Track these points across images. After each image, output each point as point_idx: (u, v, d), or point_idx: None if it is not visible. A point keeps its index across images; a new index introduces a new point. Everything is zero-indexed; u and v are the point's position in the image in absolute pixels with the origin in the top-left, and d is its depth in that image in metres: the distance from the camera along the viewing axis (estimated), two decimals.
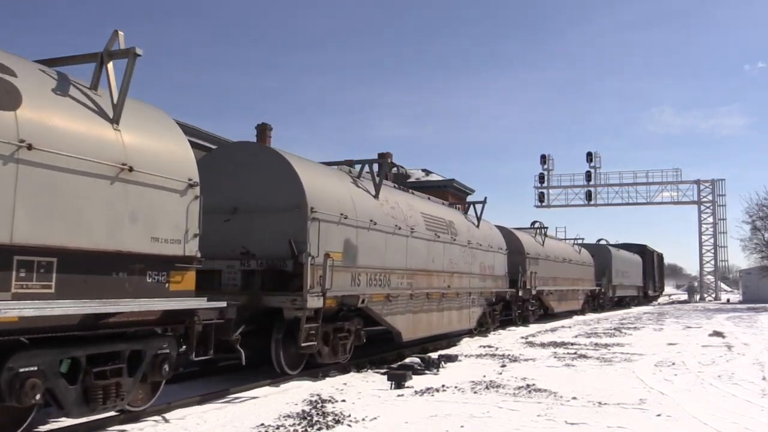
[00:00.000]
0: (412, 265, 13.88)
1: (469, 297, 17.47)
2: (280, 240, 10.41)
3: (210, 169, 10.43)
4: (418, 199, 16.31)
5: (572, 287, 29.84)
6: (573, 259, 30.44)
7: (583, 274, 32.18)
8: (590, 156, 62.24)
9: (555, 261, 27.36)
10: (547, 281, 25.73)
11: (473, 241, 18.02)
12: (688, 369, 12.18)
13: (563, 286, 28.29)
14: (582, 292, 31.58)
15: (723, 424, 7.48)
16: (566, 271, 29.01)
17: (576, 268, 30.83)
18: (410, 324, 13.66)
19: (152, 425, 7.24)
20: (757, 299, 55.36)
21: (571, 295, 29.68)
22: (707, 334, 20.67)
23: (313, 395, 9.10)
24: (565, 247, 31.21)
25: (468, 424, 7.44)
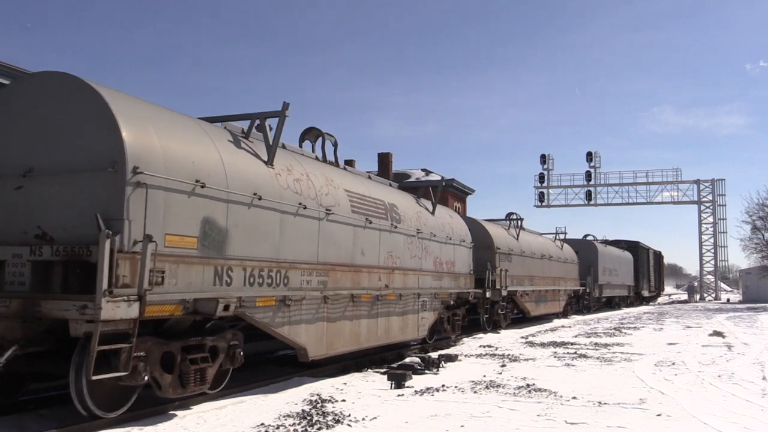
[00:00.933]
0: (327, 257, 10.46)
1: (418, 299, 14.14)
2: (86, 215, 7.02)
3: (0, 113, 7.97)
4: (345, 175, 12.27)
5: (552, 287, 26.73)
6: (554, 255, 27.24)
7: (566, 273, 29.02)
8: (590, 156, 62.34)
9: (532, 257, 24.26)
10: (522, 280, 22.86)
11: (425, 230, 14.65)
12: (688, 369, 12.18)
13: (542, 286, 25.30)
14: (564, 293, 28.55)
15: (723, 423, 7.48)
16: (545, 269, 25.88)
17: (557, 265, 27.49)
18: (323, 336, 10.40)
19: (152, 425, 7.24)
20: (757, 299, 55.42)
21: (551, 296, 26.65)
22: (707, 334, 20.67)
23: (313, 395, 9.10)
24: (545, 242, 27.68)
25: (468, 423, 7.44)
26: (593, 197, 62.27)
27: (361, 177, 13.45)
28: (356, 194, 11.87)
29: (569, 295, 29.54)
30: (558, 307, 27.70)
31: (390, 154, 46.09)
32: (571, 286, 29.83)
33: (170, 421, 7.43)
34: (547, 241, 28.02)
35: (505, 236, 22.33)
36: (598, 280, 34.51)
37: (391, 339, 12.95)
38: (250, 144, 9.68)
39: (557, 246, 28.95)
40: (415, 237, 14.06)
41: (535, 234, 27.64)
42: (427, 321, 14.76)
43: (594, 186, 62.20)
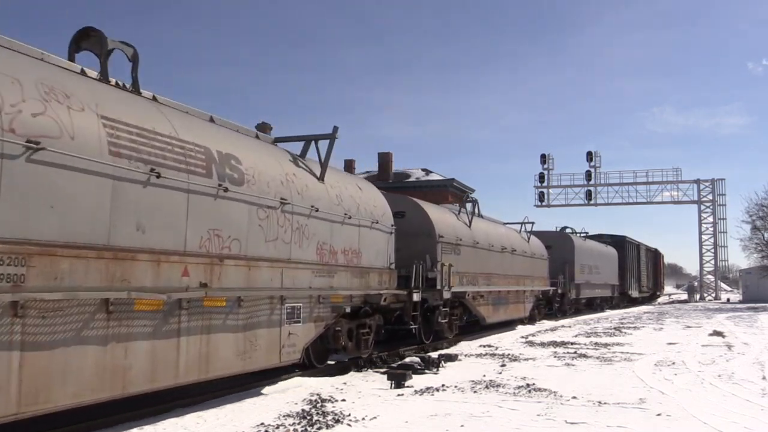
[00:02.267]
0: (31, 231, 5.77)
1: (281, 306, 9.32)
2: None
3: None
4: (111, 93, 7.69)
5: (516, 287, 21.70)
6: (518, 248, 22.06)
7: (533, 270, 23.97)
8: (590, 155, 62.32)
9: (489, 250, 19.32)
10: (475, 278, 18.08)
11: (300, 202, 9.89)
12: (688, 368, 12.17)
13: (502, 286, 20.22)
14: (530, 294, 23.82)
15: (723, 423, 7.48)
16: (507, 265, 20.81)
17: (522, 261, 22.47)
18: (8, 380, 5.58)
19: (152, 424, 7.24)
20: (757, 299, 55.37)
21: (514, 298, 21.68)
22: (707, 334, 20.67)
23: (313, 394, 9.10)
24: (507, 232, 22.36)
25: (468, 423, 7.44)
26: (593, 197, 62.23)
27: (161, 108, 8.09)
28: (130, 126, 6.99)
29: (537, 297, 24.84)
30: (522, 311, 22.82)
31: (390, 154, 46.06)
32: (539, 285, 24.89)
33: (170, 420, 7.43)
34: (510, 232, 22.77)
35: (452, 222, 17.33)
36: (575, 279, 30.10)
37: (216, 371, 8.02)
38: None
39: (523, 238, 23.55)
40: (276, 210, 9.28)
41: (495, 222, 22.69)
42: (299, 337, 9.85)
43: (594, 186, 62.16)
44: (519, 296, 22.28)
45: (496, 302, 19.81)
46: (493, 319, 19.70)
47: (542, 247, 25.76)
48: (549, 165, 63.27)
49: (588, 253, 33.06)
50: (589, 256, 33.19)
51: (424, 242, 15.39)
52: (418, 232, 15.43)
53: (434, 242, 15.59)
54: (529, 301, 23.72)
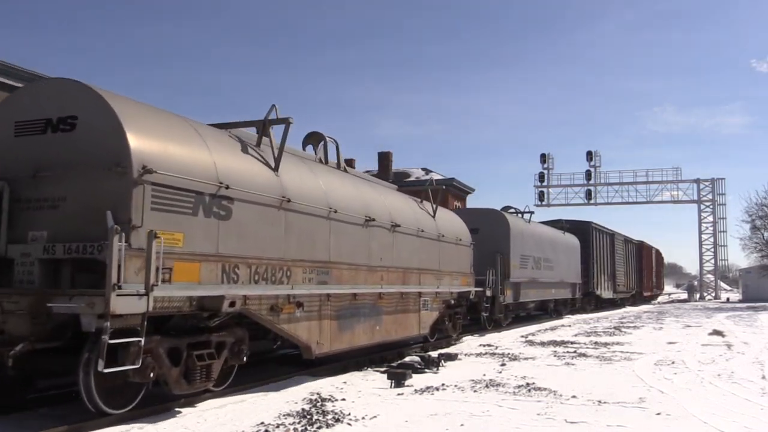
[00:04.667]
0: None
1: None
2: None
3: None
4: None
5: (401, 287, 13.43)
6: (411, 224, 14.02)
7: (445, 261, 15.96)
8: (590, 155, 62.39)
9: (351, 223, 11.60)
10: (281, 269, 9.69)
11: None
12: (687, 368, 12.18)
13: (363, 285, 11.96)
14: (436, 298, 15.41)
15: (723, 422, 7.48)
16: (379, 250, 12.59)
17: (419, 245, 14.41)
18: None
19: (152, 424, 7.24)
20: (756, 298, 55.46)
21: (399, 305, 13.36)
22: (707, 333, 20.69)
23: (313, 394, 9.10)
24: (385, 197, 13.70)
25: (468, 422, 7.45)
26: (593, 196, 62.29)
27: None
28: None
29: (447, 304, 16.33)
30: (415, 325, 14.22)
31: (390, 154, 46.06)
32: (454, 284, 16.57)
33: (170, 420, 7.43)
34: (394, 198, 14.28)
35: (221, 159, 8.94)
36: (511, 276, 21.25)
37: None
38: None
39: (422, 210, 15.47)
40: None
41: (374, 182, 14.70)
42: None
43: (594, 185, 62.25)
44: (408, 302, 13.76)
45: (348, 313, 11.33)
46: (337, 345, 10.96)
47: (463, 228, 17.68)
48: (549, 164, 63.37)
49: (533, 241, 24.19)
50: (536, 244, 24.44)
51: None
52: None
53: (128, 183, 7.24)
54: (432, 308, 15.15)
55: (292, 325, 9.71)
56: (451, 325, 17.05)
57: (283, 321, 9.47)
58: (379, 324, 12.52)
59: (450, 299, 16.59)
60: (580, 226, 34.13)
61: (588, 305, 34.09)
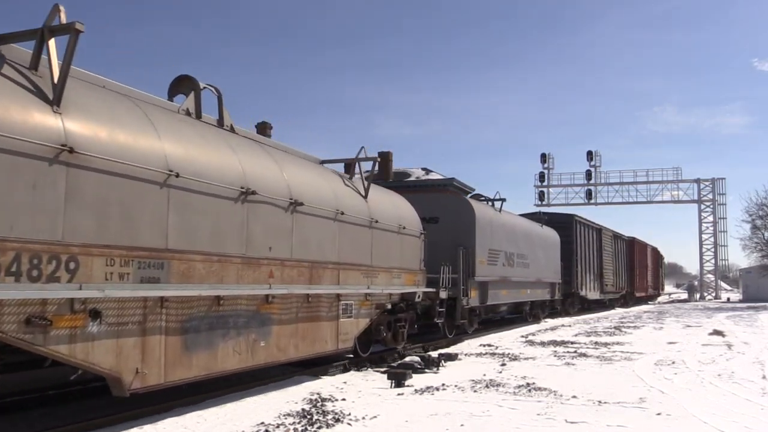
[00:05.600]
0: None
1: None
2: None
3: None
4: None
5: (313, 288, 10.19)
6: (343, 207, 11.24)
7: (383, 254, 12.68)
8: (590, 155, 62.44)
9: (215, 196, 8.13)
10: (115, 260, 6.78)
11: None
12: (688, 368, 12.18)
13: (242, 285, 8.53)
14: (367, 303, 11.96)
15: (723, 422, 7.48)
16: (277, 236, 9.41)
17: (349, 234, 11.42)
18: None
19: (152, 424, 7.24)
20: (757, 298, 55.47)
21: (306, 313, 10.02)
22: (707, 333, 20.68)
23: (313, 394, 9.11)
24: (307, 175, 10.82)
25: (468, 422, 7.44)
26: (593, 196, 62.33)
27: None
28: None
29: (383, 308, 12.61)
30: (328, 338, 10.74)
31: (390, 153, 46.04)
32: (395, 284, 13.11)
33: (170, 420, 7.43)
34: (299, 170, 10.72)
35: None
36: (476, 274, 17.55)
37: None
38: None
39: (348, 187, 12.09)
40: None
41: (262, 144, 10.47)
42: None
43: (594, 185, 62.30)
44: (319, 307, 10.34)
45: (204, 325, 7.90)
46: (180, 373, 7.54)
47: (410, 215, 14.40)
48: (549, 164, 63.43)
49: (505, 233, 20.50)
50: (508, 237, 20.83)
51: None
52: None
53: None
54: (360, 314, 11.66)
55: (81, 346, 6.31)
56: (391, 334, 13.33)
57: (57, 340, 6.09)
58: (265, 338, 8.95)
59: (387, 302, 12.74)
60: (562, 219, 30.79)
61: (571, 307, 30.49)
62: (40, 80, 6.52)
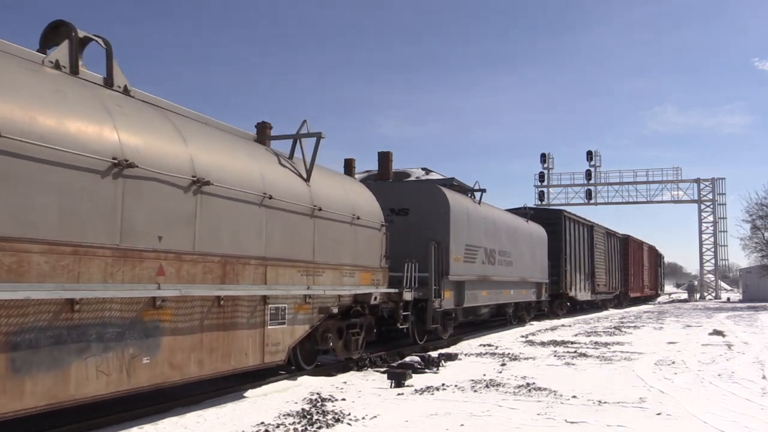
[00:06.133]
0: None
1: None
2: None
3: None
4: None
5: (226, 288, 8.20)
6: (272, 190, 9.27)
7: (327, 248, 10.76)
8: (590, 154, 62.43)
9: (62, 165, 6.14)
10: None
11: None
12: (688, 368, 12.18)
13: (110, 285, 6.55)
14: (307, 306, 10.07)
15: (723, 422, 7.48)
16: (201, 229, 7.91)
17: (281, 223, 9.52)
18: None
19: (152, 423, 7.24)
20: (757, 298, 55.47)
21: (217, 320, 8.06)
22: (707, 333, 20.68)
23: (313, 394, 9.11)
24: (224, 148, 8.89)
25: (468, 422, 7.44)
26: (593, 196, 62.33)
27: None
28: None
29: (326, 313, 10.66)
30: (249, 350, 8.73)
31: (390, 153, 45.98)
32: (338, 285, 11.14)
33: (170, 420, 7.43)
34: (210, 140, 8.75)
35: None
36: (451, 272, 15.70)
37: None
38: None
39: (284, 167, 10.23)
40: None
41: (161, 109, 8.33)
42: None
43: (594, 185, 62.30)
44: (236, 312, 8.51)
45: (43, 339, 5.88)
46: (25, 401, 5.71)
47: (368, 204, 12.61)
48: (549, 164, 63.44)
49: (485, 227, 18.44)
50: (488, 232, 18.73)
51: None
52: None
53: None
54: (297, 320, 9.89)
55: None
56: (342, 343, 11.64)
57: None
58: (151, 353, 7.02)
59: (334, 305, 10.83)
60: (550, 214, 28.99)
61: (560, 309, 28.53)
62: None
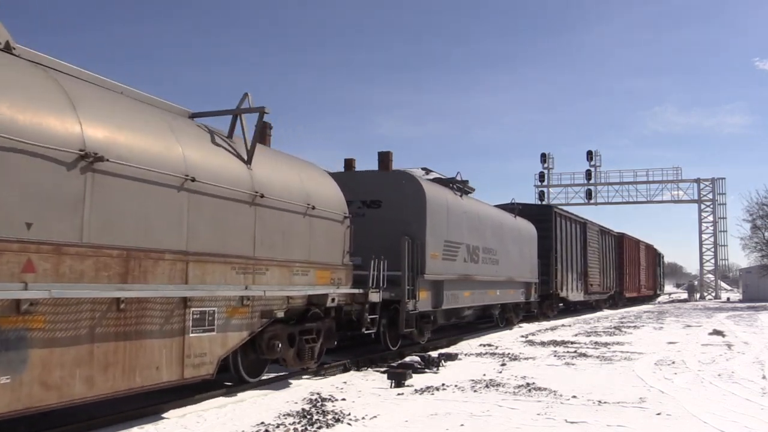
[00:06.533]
0: None
1: None
2: None
3: None
4: None
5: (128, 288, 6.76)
6: (195, 172, 7.81)
7: (274, 241, 9.29)
8: (590, 154, 62.47)
9: None
10: None
11: None
12: (688, 368, 12.18)
13: None
14: (245, 310, 8.56)
15: (723, 422, 7.48)
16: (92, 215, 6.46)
17: (209, 211, 8.05)
18: None
19: (152, 423, 7.25)
20: (757, 298, 55.45)
21: (115, 327, 6.60)
22: (707, 333, 20.67)
23: (313, 394, 9.11)
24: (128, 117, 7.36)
25: (468, 422, 7.45)
26: (593, 196, 62.34)
27: None
28: None
29: (270, 318, 9.14)
30: (162, 364, 7.18)
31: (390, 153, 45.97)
32: (286, 284, 9.59)
33: (170, 419, 7.44)
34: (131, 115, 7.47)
35: None
36: (427, 271, 14.14)
37: None
38: None
39: (218, 147, 8.72)
40: None
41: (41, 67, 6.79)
42: None
43: (594, 185, 62.31)
44: (143, 317, 6.99)
45: None
46: None
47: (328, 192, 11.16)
48: (549, 164, 63.49)
49: (467, 222, 16.95)
50: (471, 227, 17.23)
51: None
52: None
53: None
54: (229, 326, 8.35)
55: None
56: (294, 352, 10.00)
57: None
58: (14, 372, 5.59)
59: (280, 309, 9.32)
60: (540, 210, 27.29)
61: (550, 310, 26.92)
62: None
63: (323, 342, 10.90)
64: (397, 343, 14.35)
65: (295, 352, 10.12)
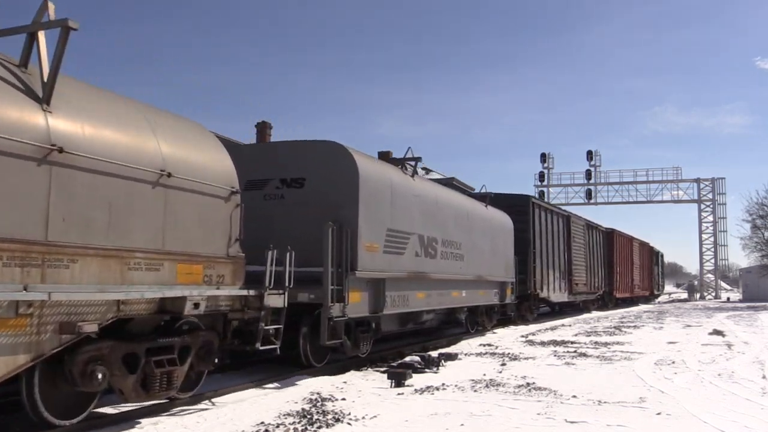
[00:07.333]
0: None
1: None
2: None
3: None
4: None
5: None
6: None
7: (96, 224, 6.53)
8: (590, 154, 62.52)
9: None
10: None
11: None
12: (688, 367, 12.17)
13: None
14: (22, 322, 5.68)
15: (723, 422, 7.48)
16: None
17: None
18: None
19: (152, 423, 7.24)
20: (757, 298, 55.45)
21: None
22: (707, 333, 20.67)
23: (313, 393, 9.10)
24: None
25: (468, 422, 7.44)
26: (593, 196, 62.38)
27: None
28: None
29: (74, 333, 6.12)
30: None
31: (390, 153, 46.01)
32: (126, 286, 6.77)
33: (170, 419, 7.43)
34: None
35: None
36: (359, 266, 11.23)
37: None
38: None
39: None
40: None
41: None
42: None
43: (594, 185, 62.39)
44: None
45: None
46: None
47: (203, 155, 8.33)
48: (549, 164, 63.56)
49: (420, 208, 14.05)
50: (426, 214, 14.33)
51: None
52: None
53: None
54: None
55: None
56: (134, 380, 7.14)
57: None
58: None
59: (97, 319, 6.44)
60: (515, 200, 23.67)
61: (529, 312, 23.98)
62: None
63: (196, 363, 8.10)
64: (324, 358, 11.66)
65: (137, 379, 7.18)
